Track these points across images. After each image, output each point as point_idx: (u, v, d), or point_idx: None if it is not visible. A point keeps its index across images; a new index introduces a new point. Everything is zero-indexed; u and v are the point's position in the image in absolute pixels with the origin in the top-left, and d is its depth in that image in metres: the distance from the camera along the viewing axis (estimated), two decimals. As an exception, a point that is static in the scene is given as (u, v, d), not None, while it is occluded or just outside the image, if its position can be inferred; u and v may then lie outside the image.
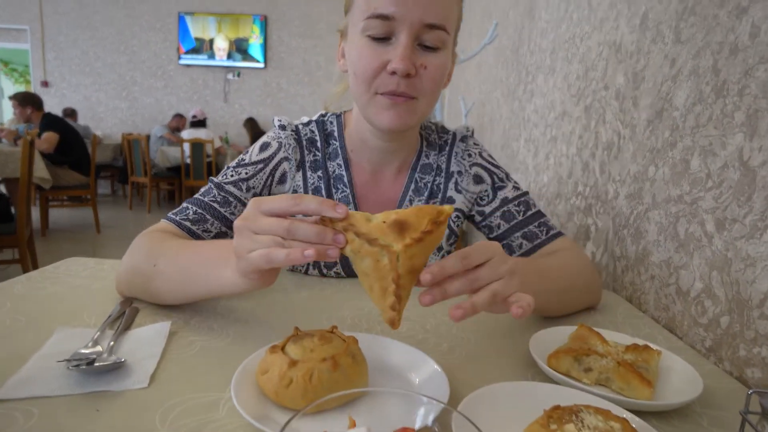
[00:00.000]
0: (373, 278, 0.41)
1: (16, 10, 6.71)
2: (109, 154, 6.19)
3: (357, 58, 0.64)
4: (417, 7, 0.60)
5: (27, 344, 0.49)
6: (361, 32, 0.63)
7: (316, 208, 0.42)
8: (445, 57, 0.64)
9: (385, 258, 0.40)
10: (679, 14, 0.71)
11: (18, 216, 2.42)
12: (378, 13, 0.61)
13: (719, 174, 0.59)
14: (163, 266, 0.58)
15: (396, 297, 0.40)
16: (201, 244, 0.59)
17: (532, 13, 1.60)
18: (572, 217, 1.07)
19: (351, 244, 0.41)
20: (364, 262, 0.41)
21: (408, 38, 0.61)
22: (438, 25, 0.61)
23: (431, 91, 0.65)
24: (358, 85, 0.65)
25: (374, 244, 0.40)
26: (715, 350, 0.57)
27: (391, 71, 0.61)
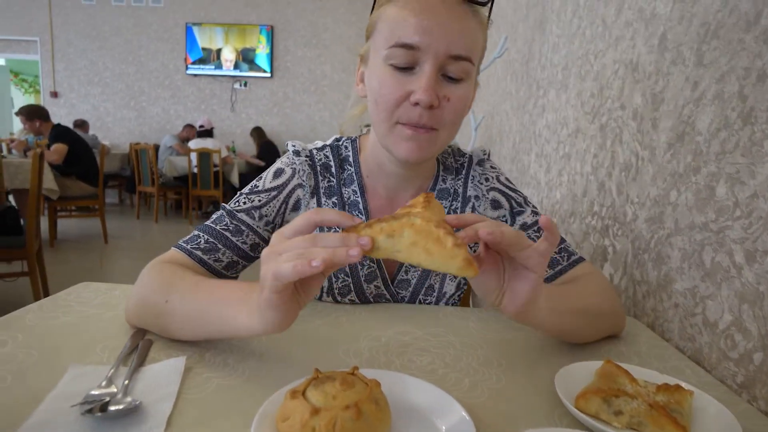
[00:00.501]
0: (421, 241, 0.42)
1: (26, 22, 6.80)
2: (116, 163, 6.24)
3: (378, 86, 0.62)
4: (443, 38, 0.59)
5: (40, 382, 0.48)
6: (383, 60, 0.62)
7: (336, 219, 0.45)
8: (468, 88, 0.63)
9: (416, 219, 0.43)
10: (701, 37, 0.70)
11: (27, 228, 2.43)
12: (403, 42, 0.59)
13: (748, 204, 0.57)
14: (174, 303, 0.57)
15: (452, 236, 0.42)
16: (215, 284, 0.57)
17: (542, 27, 1.59)
18: (588, 237, 1.05)
19: (382, 233, 0.43)
20: (405, 236, 0.43)
21: (432, 69, 0.59)
22: (463, 56, 0.60)
23: (452, 122, 0.63)
24: (378, 114, 0.64)
25: (399, 217, 0.43)
26: (748, 387, 0.55)
27: (414, 102, 0.60)
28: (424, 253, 0.42)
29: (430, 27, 0.58)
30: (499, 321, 0.73)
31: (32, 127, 4.01)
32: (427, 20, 0.59)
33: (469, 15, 0.61)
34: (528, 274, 0.48)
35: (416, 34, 0.59)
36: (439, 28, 0.59)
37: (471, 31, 0.61)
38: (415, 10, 0.59)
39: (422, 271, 0.79)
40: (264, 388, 0.48)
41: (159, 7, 6.80)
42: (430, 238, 0.42)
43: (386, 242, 0.43)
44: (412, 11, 0.59)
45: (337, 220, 0.45)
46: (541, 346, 0.65)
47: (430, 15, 0.59)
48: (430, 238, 0.42)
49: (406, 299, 0.80)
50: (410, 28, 0.59)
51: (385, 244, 0.43)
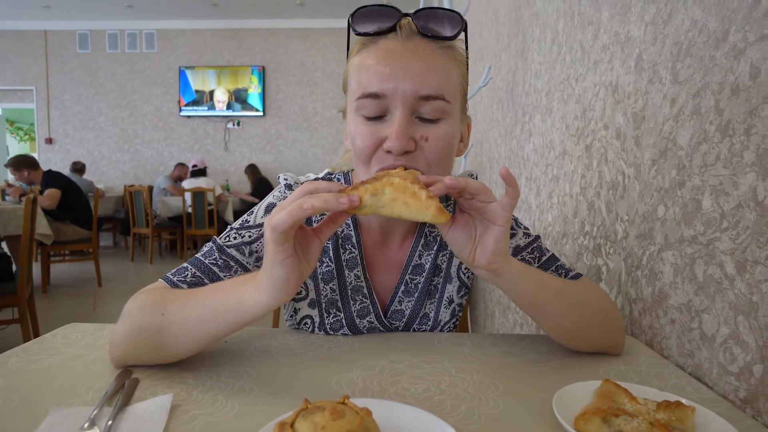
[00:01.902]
0: (401, 196, 0.49)
1: (22, 71, 6.95)
2: (111, 206, 6.24)
3: (354, 138, 0.62)
4: (407, 80, 0.57)
5: (18, 427, 0.46)
6: (355, 112, 0.62)
7: (328, 187, 0.50)
8: (448, 126, 0.61)
9: (395, 179, 0.50)
10: (674, 56, 0.72)
11: (19, 274, 2.40)
12: (368, 92, 0.59)
13: (734, 214, 0.57)
14: (173, 312, 0.56)
15: (425, 190, 0.49)
16: (211, 284, 0.59)
17: (524, 55, 1.64)
18: (581, 257, 1.05)
19: (366, 192, 0.49)
20: (386, 193, 0.49)
21: (402, 114, 0.58)
22: (434, 96, 0.59)
23: (437, 161, 0.61)
24: (358, 165, 0.65)
25: (380, 177, 0.51)
26: (751, 402, 0.54)
27: (386, 150, 0.59)
28: (403, 206, 0.49)
29: (392, 72, 0.57)
30: (495, 345, 0.72)
31: (21, 176, 4.04)
32: (389, 66, 0.58)
33: (437, 53, 0.60)
34: (493, 228, 0.54)
35: (380, 82, 0.58)
36: (403, 71, 0.58)
37: (440, 69, 0.59)
38: (377, 57, 0.59)
39: (416, 300, 0.78)
40: (253, 424, 0.47)
41: (153, 52, 6.98)
42: (407, 192, 0.49)
43: (371, 200, 0.49)
44: (374, 59, 0.59)
45: (327, 187, 0.50)
46: (538, 368, 0.63)
47: (392, 60, 0.58)
48: (407, 192, 0.49)
49: (400, 329, 0.79)
50: (373, 76, 0.59)
51: (371, 201, 0.49)
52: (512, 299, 0.62)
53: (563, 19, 1.23)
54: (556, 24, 1.28)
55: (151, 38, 6.97)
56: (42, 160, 6.96)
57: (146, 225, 5.36)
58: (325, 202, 0.46)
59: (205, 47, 6.98)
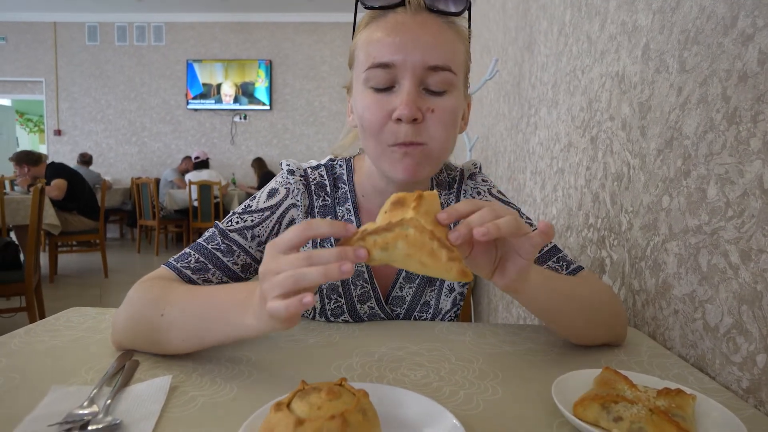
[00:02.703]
0: (416, 254, 0.42)
1: (32, 63, 7.00)
2: (118, 198, 6.28)
3: (363, 111, 0.62)
4: (417, 51, 0.59)
5: (19, 405, 0.46)
6: (363, 84, 0.62)
7: (328, 231, 0.44)
8: (454, 99, 0.62)
9: (409, 229, 0.42)
10: (681, 44, 0.71)
11: (26, 263, 2.42)
12: (378, 62, 0.60)
13: (739, 203, 0.56)
14: (172, 315, 0.56)
15: (446, 249, 0.42)
16: (212, 289, 0.57)
17: (531, 47, 1.62)
18: (585, 249, 1.04)
19: (375, 246, 0.43)
20: (398, 248, 0.42)
21: (411, 83, 0.59)
22: (442, 66, 0.60)
23: (442, 135, 0.62)
24: (367, 139, 0.64)
25: (391, 227, 0.43)
26: (754, 392, 0.53)
27: (396, 119, 0.60)
28: (419, 265, 0.43)
29: (403, 43, 0.59)
30: (496, 335, 0.72)
31: (22, 172, 4.06)
32: (399, 37, 0.59)
33: (444, 27, 0.61)
34: (518, 259, 0.49)
35: (390, 53, 0.59)
36: (413, 42, 0.59)
37: (447, 42, 0.61)
38: (387, 29, 0.60)
39: (417, 287, 0.78)
40: (251, 405, 0.47)
41: (161, 45, 7.00)
42: (424, 250, 0.42)
43: (381, 255, 0.43)
44: (384, 31, 0.60)
45: (329, 232, 0.44)
46: (539, 357, 0.63)
47: (401, 32, 0.59)
48: (424, 250, 0.42)
49: (401, 317, 0.79)
50: (384, 47, 0.60)
51: (380, 256, 0.43)
52: (525, 307, 0.60)
53: (570, 10, 1.22)
54: (563, 15, 1.27)
55: (159, 31, 6.98)
56: (51, 152, 7.01)
57: (153, 217, 5.39)
58: (327, 275, 0.41)
59: (213, 40, 6.99)
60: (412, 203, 0.44)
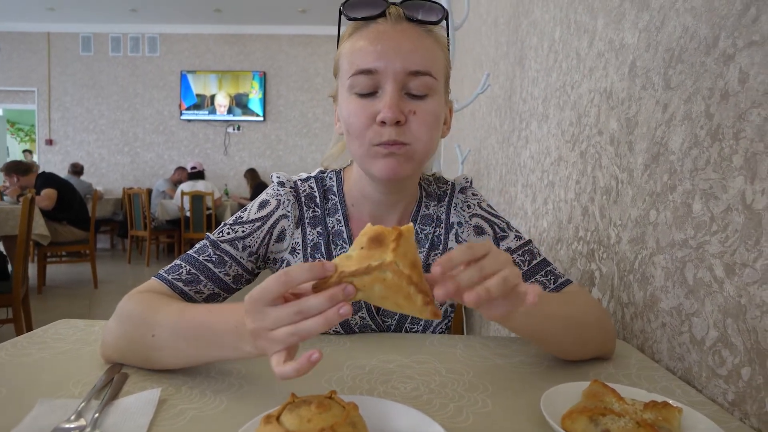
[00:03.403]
0: (392, 296, 0.43)
1: (25, 73, 6.98)
2: (109, 208, 6.24)
3: (348, 116, 0.65)
4: (398, 58, 0.62)
5: (6, 419, 0.46)
6: (348, 90, 0.65)
7: (307, 277, 0.42)
8: (435, 103, 0.65)
9: (387, 273, 0.42)
10: (666, 62, 0.73)
11: (14, 274, 2.39)
12: (361, 69, 0.63)
13: (723, 217, 0.58)
14: (163, 337, 0.55)
15: (421, 293, 0.42)
16: (202, 312, 0.55)
17: (522, 62, 1.65)
18: (575, 262, 1.05)
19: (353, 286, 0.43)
20: (375, 290, 0.43)
21: (393, 88, 0.62)
22: (422, 71, 0.63)
23: (425, 136, 0.64)
24: (352, 141, 0.66)
25: (370, 271, 0.42)
26: (739, 404, 0.54)
27: (380, 121, 0.62)
28: (395, 305, 0.44)
29: (384, 50, 0.62)
30: (486, 347, 0.72)
31: (12, 182, 4.03)
32: (381, 45, 0.62)
33: (423, 35, 0.65)
34: (503, 304, 0.47)
35: (372, 60, 0.62)
36: (394, 50, 0.62)
37: (426, 49, 0.64)
38: (369, 38, 0.63)
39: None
40: (241, 418, 0.47)
41: (155, 56, 7.02)
42: (400, 294, 0.43)
43: (358, 294, 0.43)
44: (366, 40, 0.63)
45: (308, 277, 0.43)
46: (529, 370, 0.63)
47: (383, 40, 0.63)
48: (400, 294, 0.43)
49: (392, 328, 0.79)
50: (366, 55, 0.62)
51: (357, 294, 0.44)
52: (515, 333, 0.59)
53: (560, 27, 1.24)
54: (553, 32, 1.30)
55: (153, 42, 7.00)
56: (42, 162, 6.96)
57: (144, 228, 5.35)
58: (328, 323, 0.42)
59: (207, 52, 7.02)
60: (391, 243, 0.43)
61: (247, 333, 0.46)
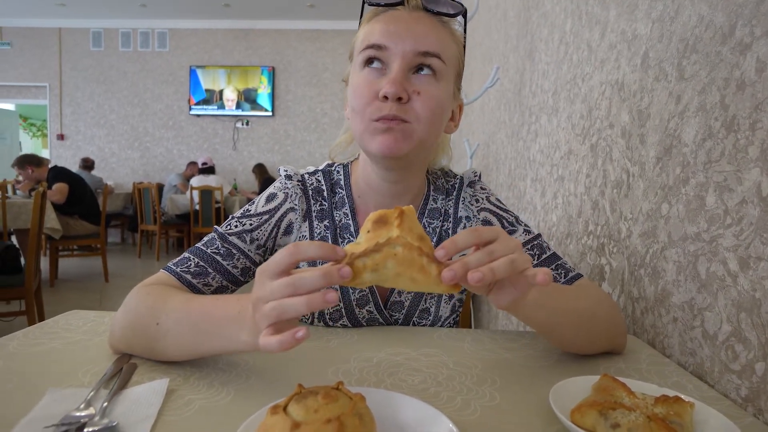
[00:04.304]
0: (406, 271, 0.42)
1: (36, 68, 7.05)
2: (119, 203, 6.30)
3: (354, 90, 0.65)
4: (409, 38, 0.62)
5: (16, 407, 0.46)
6: (359, 66, 0.65)
7: (316, 253, 0.42)
8: (441, 88, 0.64)
9: (397, 247, 0.42)
10: (680, 52, 0.71)
11: (27, 267, 2.42)
12: (371, 43, 0.63)
13: (738, 210, 0.57)
14: (167, 325, 0.55)
15: (435, 263, 0.43)
16: (209, 302, 0.55)
17: (532, 55, 1.63)
18: (585, 257, 1.04)
19: (365, 269, 0.42)
20: (389, 268, 0.42)
21: (400, 65, 0.62)
22: (431, 53, 0.63)
23: (426, 117, 0.63)
24: (354, 117, 0.66)
25: (379, 248, 0.42)
26: (753, 400, 0.53)
27: (382, 95, 0.62)
28: (410, 282, 0.43)
29: (396, 31, 0.63)
30: (495, 341, 0.71)
31: (26, 174, 4.08)
32: (394, 26, 0.63)
33: (438, 24, 0.65)
34: (512, 290, 0.48)
35: (385, 37, 0.63)
36: (406, 31, 0.63)
37: (439, 34, 0.65)
38: (384, 20, 0.64)
39: (415, 293, 0.78)
40: (248, 409, 0.47)
41: (164, 51, 7.05)
42: (414, 267, 0.42)
43: (371, 276, 0.43)
44: (380, 21, 0.64)
45: (317, 254, 0.43)
46: (537, 364, 0.63)
47: (397, 22, 0.63)
48: (414, 267, 0.42)
49: (400, 322, 0.79)
50: (378, 33, 0.63)
51: (370, 277, 0.43)
52: (524, 323, 0.60)
53: (571, 19, 1.23)
54: (564, 24, 1.28)
55: (163, 37, 7.04)
56: (53, 156, 7.04)
57: (154, 222, 5.40)
58: (310, 306, 0.41)
59: (216, 47, 7.04)
60: (395, 221, 0.43)
61: (249, 318, 0.46)
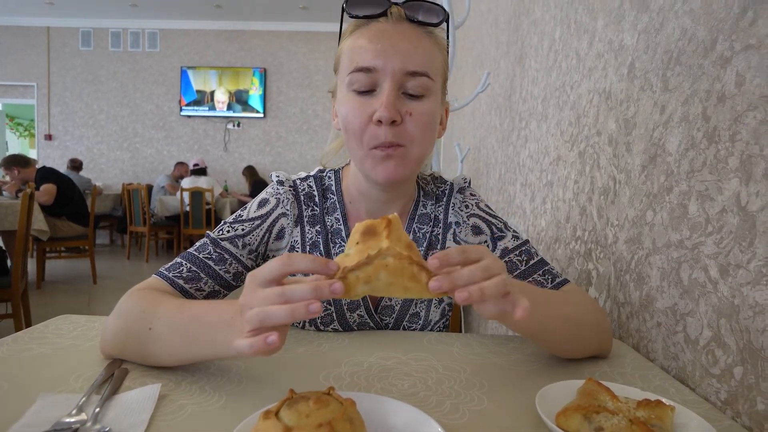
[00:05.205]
0: (398, 280, 0.44)
1: (25, 68, 6.96)
2: (108, 204, 6.24)
3: (346, 113, 0.65)
4: (396, 57, 0.63)
5: (7, 413, 0.46)
6: (347, 87, 0.65)
7: (308, 267, 0.43)
8: (431, 104, 0.65)
9: (388, 258, 0.43)
10: (665, 64, 0.73)
11: (13, 269, 2.40)
12: (360, 67, 0.63)
13: (718, 219, 0.58)
14: (159, 330, 0.56)
15: (425, 271, 0.44)
16: (202, 307, 0.56)
17: (522, 62, 1.65)
18: (572, 261, 1.06)
19: (358, 282, 0.43)
20: (381, 279, 0.43)
21: (391, 87, 0.63)
22: (420, 72, 0.63)
23: (420, 137, 0.65)
24: (350, 141, 0.67)
25: (371, 260, 0.43)
26: (731, 403, 0.54)
27: (376, 120, 0.62)
28: (402, 290, 0.44)
29: (383, 49, 0.63)
30: (483, 345, 0.73)
31: (12, 175, 4.03)
32: (381, 44, 0.63)
33: (423, 36, 0.66)
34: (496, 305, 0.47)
35: (371, 58, 0.63)
36: (393, 49, 0.63)
37: (425, 50, 0.65)
38: (369, 37, 0.64)
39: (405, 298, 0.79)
40: (239, 414, 0.47)
41: (155, 51, 7.00)
42: (405, 276, 0.44)
43: (364, 288, 0.44)
44: (366, 38, 0.64)
45: (308, 268, 0.44)
46: (525, 368, 0.64)
47: (383, 39, 0.63)
48: (405, 276, 0.44)
49: (390, 326, 0.80)
50: (366, 53, 0.63)
51: (364, 289, 0.44)
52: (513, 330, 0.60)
53: (560, 27, 1.25)
54: (554, 32, 1.30)
55: (153, 37, 6.99)
56: (41, 157, 6.95)
57: (143, 223, 5.35)
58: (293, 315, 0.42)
59: (208, 48, 7.01)
60: (383, 231, 0.44)
61: (239, 321, 0.47)
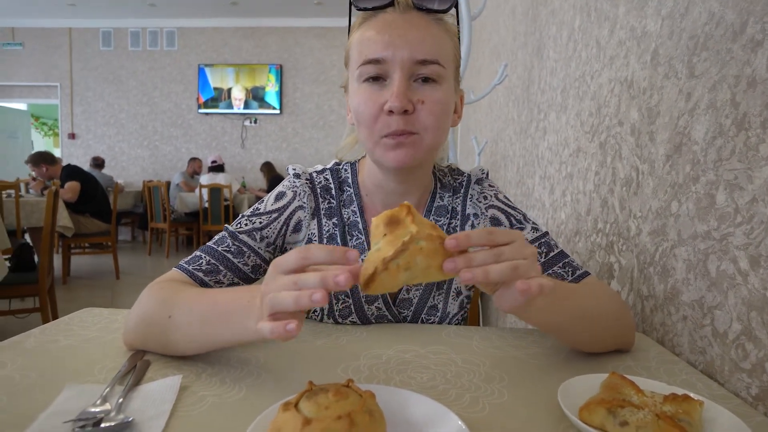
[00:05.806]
0: (434, 262, 0.44)
1: (48, 68, 7.13)
2: (130, 201, 6.36)
3: (358, 105, 0.65)
4: (405, 47, 0.62)
5: (35, 402, 0.47)
6: (358, 80, 0.65)
7: (325, 259, 0.44)
8: (443, 92, 0.65)
9: (420, 242, 0.43)
10: (690, 49, 0.71)
11: (40, 265, 2.46)
12: (369, 58, 0.63)
13: (748, 208, 0.56)
14: (179, 317, 0.57)
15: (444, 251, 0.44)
16: (218, 293, 0.58)
17: (540, 52, 1.62)
18: (593, 254, 1.04)
19: (399, 270, 0.43)
20: (418, 263, 0.44)
21: (401, 77, 0.62)
22: (430, 60, 0.63)
23: (433, 125, 0.64)
24: (362, 132, 0.66)
25: (407, 246, 0.43)
26: (763, 399, 0.53)
27: (388, 110, 0.62)
28: (438, 271, 0.45)
29: (392, 40, 0.62)
30: (503, 338, 0.72)
31: (40, 172, 4.14)
32: (389, 34, 0.63)
33: (431, 24, 0.65)
34: (516, 295, 0.46)
35: (380, 49, 0.62)
36: (401, 39, 0.62)
37: (435, 37, 0.64)
38: (377, 28, 0.64)
39: (423, 289, 0.78)
40: (259, 405, 0.48)
41: (173, 50, 7.10)
42: (439, 256, 0.44)
43: (405, 275, 0.44)
44: (374, 30, 0.64)
45: (325, 259, 0.44)
46: (545, 361, 0.63)
47: (391, 29, 0.63)
48: (440, 256, 0.44)
49: (408, 319, 0.79)
50: (375, 44, 0.63)
51: (404, 276, 0.44)
52: (532, 325, 0.60)
53: (580, 16, 1.22)
54: (573, 21, 1.27)
55: (171, 36, 7.08)
56: (65, 155, 7.13)
57: (164, 220, 5.45)
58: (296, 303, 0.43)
59: (224, 45, 7.07)
60: (407, 218, 0.45)
61: (257, 307, 0.48)
